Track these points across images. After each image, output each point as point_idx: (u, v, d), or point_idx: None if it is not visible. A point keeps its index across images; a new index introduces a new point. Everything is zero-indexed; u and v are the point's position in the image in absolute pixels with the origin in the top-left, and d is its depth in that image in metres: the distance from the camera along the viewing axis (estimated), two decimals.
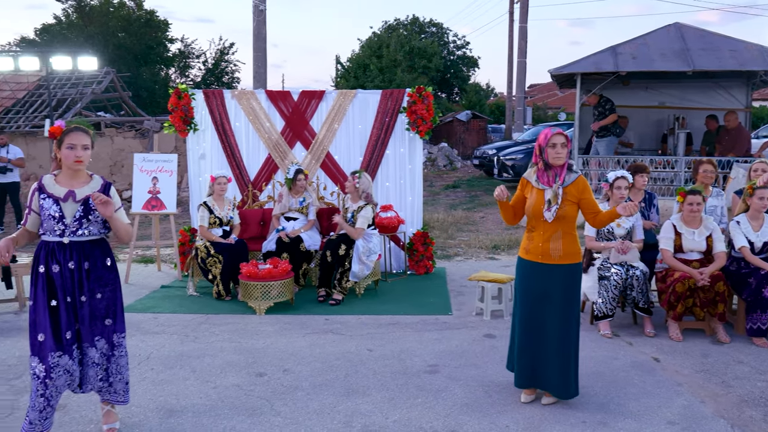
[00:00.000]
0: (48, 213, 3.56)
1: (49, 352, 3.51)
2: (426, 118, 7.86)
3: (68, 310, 3.59)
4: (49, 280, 3.56)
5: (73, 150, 3.59)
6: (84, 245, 3.64)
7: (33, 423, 3.54)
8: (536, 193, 4.15)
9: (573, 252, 4.13)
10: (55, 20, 34.27)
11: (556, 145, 4.05)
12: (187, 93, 8.02)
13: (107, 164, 17.17)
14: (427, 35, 38.91)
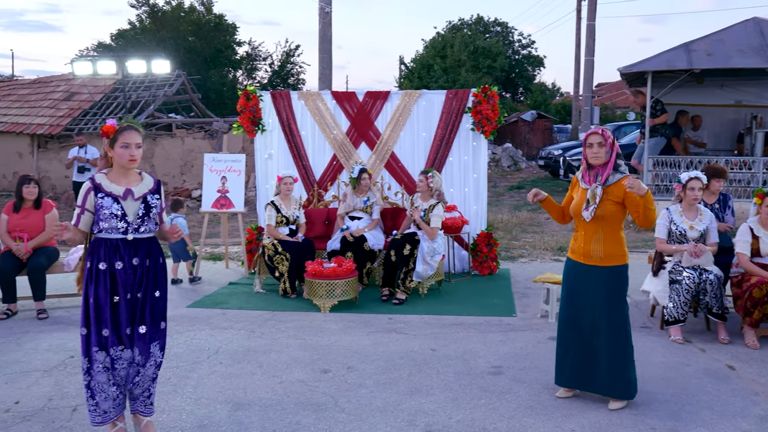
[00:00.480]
0: (109, 211, 3.58)
1: (112, 347, 3.61)
2: (491, 118, 7.80)
3: (128, 307, 3.65)
4: (112, 276, 3.60)
5: (127, 149, 3.61)
6: (144, 242, 3.71)
7: (108, 412, 3.66)
8: (580, 192, 4.16)
9: (615, 254, 4.07)
10: (129, 25, 35.60)
11: (593, 145, 4.03)
12: (255, 95, 8.20)
13: (178, 164, 17.72)
14: (491, 35, 38.55)
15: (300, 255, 7.00)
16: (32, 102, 20.53)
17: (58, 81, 21.91)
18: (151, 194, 3.74)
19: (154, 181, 3.82)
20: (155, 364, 3.79)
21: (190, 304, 6.88)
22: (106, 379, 3.63)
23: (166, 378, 4.71)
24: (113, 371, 3.64)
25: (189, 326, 6.04)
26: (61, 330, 5.94)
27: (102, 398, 3.64)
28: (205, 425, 3.97)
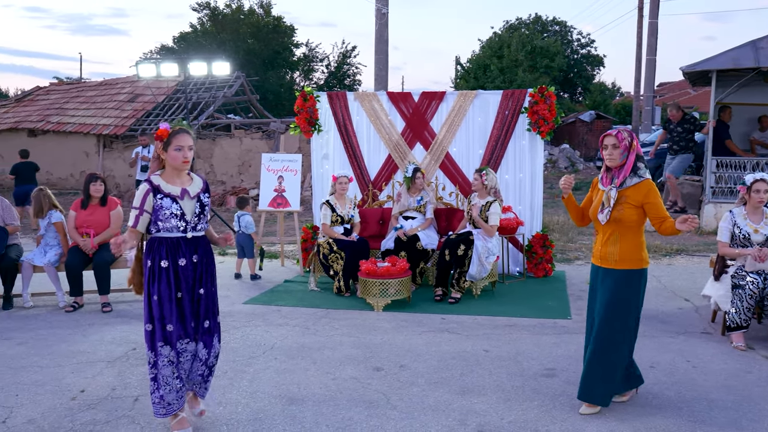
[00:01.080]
0: (169, 212, 3.72)
1: (178, 340, 3.78)
2: (548, 119, 7.71)
3: (192, 302, 3.84)
4: (175, 273, 3.76)
5: (180, 151, 3.74)
6: (201, 240, 3.88)
7: (171, 404, 3.81)
8: (599, 194, 4.12)
9: (631, 258, 3.96)
10: (191, 28, 36.53)
11: (607, 146, 3.97)
12: (312, 95, 8.32)
13: (236, 164, 18.11)
14: (549, 34, 38.01)
15: (354, 254, 7.07)
16: (98, 103, 21.31)
17: (123, 83, 22.68)
18: (203, 193, 3.91)
19: (203, 181, 3.98)
20: (215, 355, 4.02)
21: (247, 300, 7.03)
22: (170, 373, 3.78)
23: (223, 372, 4.84)
24: (178, 365, 3.80)
25: (246, 322, 6.18)
26: (124, 323, 6.16)
27: (167, 391, 3.78)
28: (260, 419, 4.06)
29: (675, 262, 8.85)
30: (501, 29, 37.96)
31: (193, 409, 4.09)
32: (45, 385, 4.62)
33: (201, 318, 3.88)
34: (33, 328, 6.05)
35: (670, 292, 7.20)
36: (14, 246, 6.91)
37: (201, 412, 4.10)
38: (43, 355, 5.28)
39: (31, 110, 22.44)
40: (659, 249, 9.50)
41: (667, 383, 4.57)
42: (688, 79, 12.33)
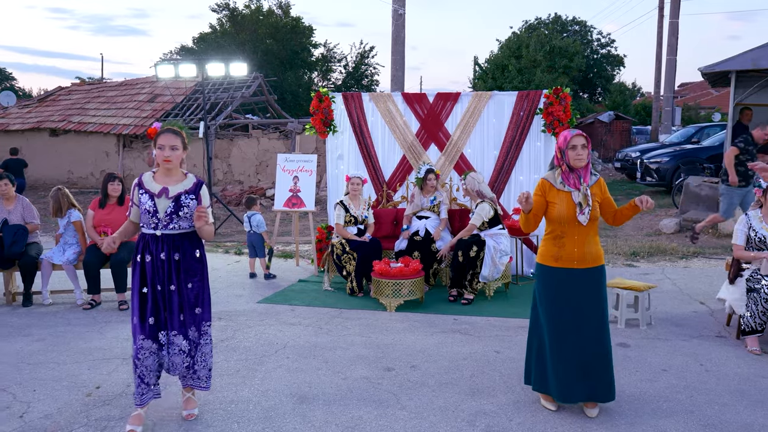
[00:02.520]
0: (144, 207, 3.86)
1: (138, 335, 3.88)
2: (563, 120, 7.69)
3: (155, 298, 3.89)
4: (142, 268, 3.89)
5: (162, 150, 3.83)
6: (174, 238, 3.92)
7: (144, 394, 3.92)
8: (564, 196, 4.01)
9: (600, 254, 4.10)
10: (210, 29, 36.79)
11: (577, 147, 3.96)
12: (327, 96, 8.36)
13: (253, 164, 18.22)
14: (569, 34, 37.78)
15: (367, 254, 7.10)
16: (119, 103, 21.55)
17: (142, 83, 22.91)
18: (187, 194, 3.91)
19: (195, 183, 3.98)
20: (196, 345, 4.02)
21: (261, 299, 7.09)
22: (152, 362, 3.92)
23: (236, 370, 4.89)
24: (136, 359, 3.89)
25: (259, 321, 6.23)
26: None
27: (135, 382, 3.91)
28: (270, 417, 4.11)
29: (691, 265, 8.78)
30: (520, 29, 37.80)
31: (184, 411, 4.11)
32: (61, 381, 4.70)
33: (175, 312, 3.91)
34: (51, 325, 6.16)
35: (686, 295, 7.15)
36: (34, 244, 7.03)
37: (188, 415, 4.08)
38: (60, 351, 5.37)
39: (53, 110, 22.75)
40: (675, 251, 9.43)
41: (679, 387, 4.54)
42: (707, 79, 12.22)
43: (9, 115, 23.39)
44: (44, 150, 21.34)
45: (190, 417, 4.09)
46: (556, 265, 4.05)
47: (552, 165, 4.20)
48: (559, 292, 4.05)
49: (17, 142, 21.95)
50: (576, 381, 4.03)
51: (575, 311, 4.02)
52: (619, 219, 4.12)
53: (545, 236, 4.14)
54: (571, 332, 4.03)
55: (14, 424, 4.03)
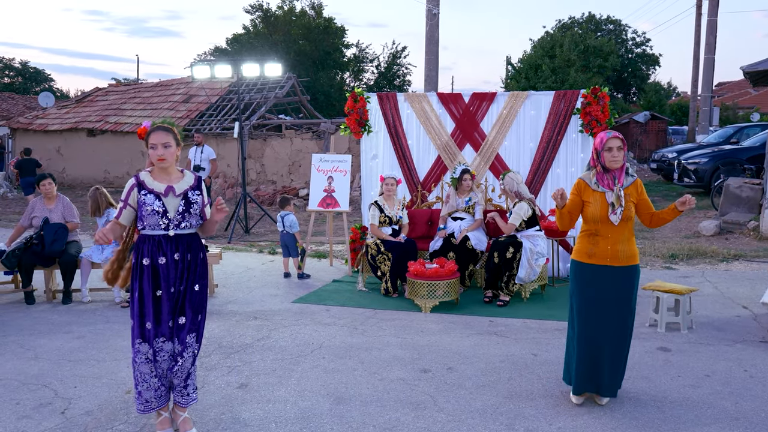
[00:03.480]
0: (151, 208, 3.68)
1: (155, 338, 3.74)
2: (601, 120, 7.57)
3: (171, 300, 3.76)
4: (155, 271, 3.72)
5: (155, 149, 3.70)
6: (185, 238, 3.80)
7: (149, 401, 3.80)
8: (598, 196, 4.12)
9: (635, 254, 4.17)
10: (243, 30, 37.12)
11: (612, 149, 4.05)
12: (362, 96, 8.35)
13: (286, 164, 18.32)
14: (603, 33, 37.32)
15: (402, 255, 7.07)
16: (154, 104, 21.86)
17: (177, 84, 23.21)
18: (192, 190, 3.82)
19: (195, 178, 3.90)
20: (192, 355, 3.85)
21: (295, 299, 7.11)
22: (148, 370, 3.76)
23: (272, 369, 4.91)
24: (155, 363, 3.77)
25: (294, 320, 6.25)
26: None
27: (144, 388, 3.77)
28: (307, 417, 4.10)
29: (732, 268, 8.58)
30: (553, 29, 37.45)
31: (175, 422, 3.90)
32: (101, 378, 4.76)
33: (177, 315, 3.79)
34: (91, 323, 6.25)
35: (727, 298, 6.98)
36: (74, 243, 7.14)
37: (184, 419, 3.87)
38: (99, 348, 5.45)
39: (90, 111, 23.16)
40: (716, 254, 9.22)
41: (723, 393, 4.43)
42: (749, 78, 11.93)
43: (48, 115, 23.87)
44: (82, 150, 21.73)
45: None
46: (589, 262, 4.17)
47: (589, 166, 4.28)
48: (590, 287, 4.17)
49: (56, 142, 22.40)
50: (591, 375, 4.18)
51: (604, 308, 4.13)
52: (656, 222, 4.22)
53: (580, 234, 4.27)
54: (597, 328, 4.15)
55: (56, 420, 4.09)
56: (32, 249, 6.90)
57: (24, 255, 6.89)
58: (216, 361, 5.13)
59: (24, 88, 46.55)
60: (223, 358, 5.18)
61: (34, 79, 48.98)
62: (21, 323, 6.25)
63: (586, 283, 4.17)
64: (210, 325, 6.13)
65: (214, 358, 5.20)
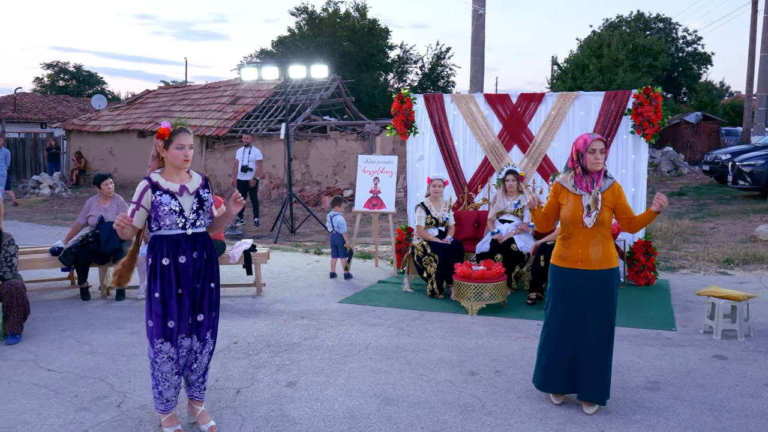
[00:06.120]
0: (168, 208, 3.73)
1: (177, 336, 3.81)
2: (653, 121, 7.42)
3: (190, 298, 3.82)
4: (175, 271, 3.76)
5: (182, 150, 3.76)
6: (201, 236, 3.87)
7: (170, 400, 3.86)
8: (573, 198, 4.12)
9: (611, 256, 4.13)
10: (288, 32, 37.50)
11: (596, 150, 4.03)
12: (408, 97, 8.35)
13: (331, 164, 18.43)
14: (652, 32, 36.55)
15: (448, 257, 7.04)
16: (202, 106, 22.25)
17: (225, 86, 23.58)
18: (202, 189, 3.89)
19: (202, 177, 3.97)
20: (209, 352, 3.98)
21: (342, 299, 7.15)
22: (170, 369, 3.82)
23: (320, 368, 4.94)
24: (178, 361, 3.84)
25: (341, 321, 6.28)
26: (226, 317, 6.38)
27: (165, 387, 3.83)
28: (355, 417, 4.12)
29: None
30: (600, 28, 36.84)
31: (204, 426, 3.96)
32: None
33: (195, 312, 3.86)
34: (143, 319, 6.37)
35: None
36: (128, 241, 7.30)
37: (211, 428, 3.93)
38: None
39: (141, 112, 23.71)
40: None
41: None
42: None
43: (100, 117, 24.53)
44: (132, 150, 22.25)
45: (214, 429, 3.94)
46: (562, 265, 4.19)
47: (566, 167, 4.26)
48: (564, 290, 4.18)
49: (108, 143, 23.01)
50: (561, 373, 4.19)
51: (578, 310, 4.13)
52: (635, 226, 4.20)
53: (557, 237, 4.30)
54: (571, 330, 4.16)
55: (112, 412, 4.20)
56: (88, 247, 7.10)
57: (80, 252, 7.10)
58: (264, 359, 5.19)
59: (78, 90, 47.94)
60: (271, 356, 5.24)
61: (87, 82, 50.39)
62: (77, 318, 6.44)
63: (559, 286, 4.20)
64: (258, 323, 6.21)
65: (263, 356, 5.27)
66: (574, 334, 4.15)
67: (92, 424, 4.04)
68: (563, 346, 4.18)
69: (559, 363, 4.20)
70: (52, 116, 31.94)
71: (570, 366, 4.18)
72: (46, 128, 30.52)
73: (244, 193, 13.10)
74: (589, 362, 4.13)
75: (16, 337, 5.67)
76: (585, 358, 4.13)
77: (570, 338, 4.16)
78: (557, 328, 4.21)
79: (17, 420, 4.11)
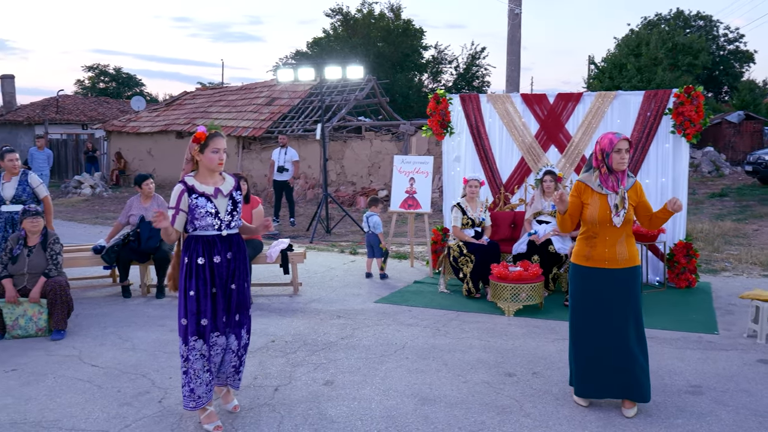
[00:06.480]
0: (205, 210, 3.87)
1: (210, 333, 3.92)
2: (694, 121, 7.28)
3: (224, 297, 3.96)
4: (210, 270, 3.89)
5: (217, 153, 3.91)
6: (235, 237, 4.01)
7: (201, 397, 3.94)
8: (599, 198, 4.11)
9: (635, 254, 4.17)
10: (323, 34, 37.73)
11: (621, 150, 4.04)
12: (444, 98, 8.33)
13: (366, 165, 18.48)
14: (692, 30, 35.85)
15: (485, 257, 7.01)
16: (239, 107, 22.49)
17: (261, 87, 23.81)
18: (235, 190, 4.04)
19: (235, 179, 4.11)
20: (244, 345, 4.16)
21: (378, 299, 7.17)
22: (201, 366, 3.91)
23: (356, 368, 4.97)
24: (209, 358, 3.93)
25: (377, 320, 6.30)
26: (264, 316, 6.46)
27: (197, 384, 3.91)
28: (393, 416, 4.13)
29: None
30: (638, 26, 36.28)
31: (227, 405, 4.21)
32: None
33: (232, 312, 4.01)
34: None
35: None
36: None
37: (234, 407, 4.20)
38: None
39: (179, 114, 24.07)
40: None
41: None
42: None
43: (140, 118, 24.98)
44: (171, 151, 22.59)
45: (237, 408, 4.20)
46: (587, 265, 4.17)
47: (589, 166, 4.24)
48: (588, 290, 4.17)
49: (147, 144, 23.41)
50: (600, 378, 4.14)
51: (603, 309, 4.12)
52: (655, 223, 4.24)
53: (579, 236, 4.26)
54: (597, 329, 4.15)
55: (154, 408, 4.28)
56: (129, 245, 7.25)
57: (122, 251, 7.25)
58: (302, 357, 5.24)
59: (117, 92, 48.95)
60: (308, 355, 5.29)
61: (127, 84, 51.40)
62: (119, 315, 6.57)
63: (584, 286, 4.19)
64: (295, 322, 6.26)
65: (300, 354, 5.31)
66: (604, 335, 4.13)
67: (135, 419, 4.13)
68: (596, 348, 4.15)
69: (596, 367, 4.16)
70: (93, 118, 32.62)
71: (607, 369, 4.13)
72: (87, 129, 31.19)
73: (280, 194, 13.21)
74: (625, 361, 4.09)
75: (60, 333, 5.82)
76: (620, 358, 4.10)
77: (601, 340, 4.14)
78: (585, 330, 4.21)
79: (64, 413, 4.22)
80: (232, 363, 4.12)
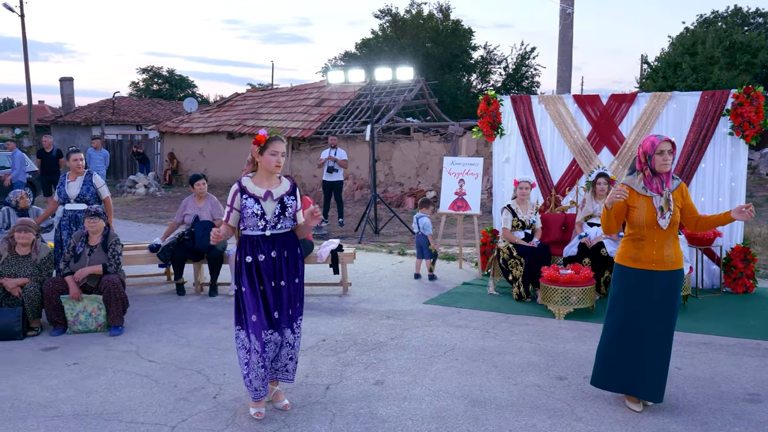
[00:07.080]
0: (251, 211, 4.04)
1: (262, 330, 4.05)
2: (754, 122, 7.09)
3: (273, 294, 4.09)
4: (257, 267, 4.05)
5: (275, 156, 4.06)
6: (281, 237, 4.12)
7: (258, 390, 4.10)
8: (644, 201, 4.09)
9: (681, 256, 4.16)
10: (372, 34, 37.89)
11: (664, 152, 4.03)
12: (495, 99, 8.30)
13: (414, 166, 18.51)
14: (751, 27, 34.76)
15: (535, 260, 6.97)
16: (288, 108, 22.78)
17: (310, 88, 24.06)
18: (288, 195, 4.14)
19: (291, 184, 4.22)
20: (299, 339, 4.29)
21: (427, 300, 7.19)
22: (256, 361, 4.06)
23: (406, 368, 5.00)
24: (263, 354, 4.06)
25: (426, 321, 6.32)
26: (314, 315, 6.55)
27: (254, 377, 4.07)
28: (443, 417, 4.15)
29: None
30: (694, 24, 35.35)
31: (278, 403, 4.30)
32: None
33: (284, 307, 4.13)
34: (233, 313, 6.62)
35: None
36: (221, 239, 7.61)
37: (285, 405, 4.28)
38: None
39: (230, 115, 24.52)
40: None
41: None
42: None
43: (192, 119, 25.53)
44: (222, 152, 23.04)
45: (287, 407, 4.28)
46: (634, 266, 4.15)
47: (632, 169, 4.25)
48: (632, 291, 4.16)
49: (199, 145, 23.92)
50: (622, 373, 4.19)
51: (643, 311, 4.13)
52: (703, 226, 4.21)
53: (625, 238, 4.26)
54: (636, 330, 4.16)
55: (209, 403, 4.40)
56: (184, 244, 7.44)
57: (177, 250, 7.45)
58: (352, 357, 5.30)
59: (170, 94, 50.09)
60: (359, 354, 5.35)
61: (179, 86, 52.57)
62: (174, 312, 6.76)
63: (630, 288, 4.17)
64: (345, 321, 6.34)
65: (351, 353, 5.37)
66: (636, 334, 4.17)
67: (191, 413, 4.25)
68: (625, 345, 4.20)
69: (621, 362, 4.21)
70: (147, 119, 33.50)
71: (631, 366, 4.18)
72: (141, 130, 32.06)
73: (329, 194, 13.33)
74: (650, 361, 4.14)
75: (118, 329, 6.01)
76: (647, 358, 4.14)
77: (632, 337, 4.18)
78: (620, 328, 4.22)
79: (123, 407, 4.37)
80: (288, 356, 4.25)
